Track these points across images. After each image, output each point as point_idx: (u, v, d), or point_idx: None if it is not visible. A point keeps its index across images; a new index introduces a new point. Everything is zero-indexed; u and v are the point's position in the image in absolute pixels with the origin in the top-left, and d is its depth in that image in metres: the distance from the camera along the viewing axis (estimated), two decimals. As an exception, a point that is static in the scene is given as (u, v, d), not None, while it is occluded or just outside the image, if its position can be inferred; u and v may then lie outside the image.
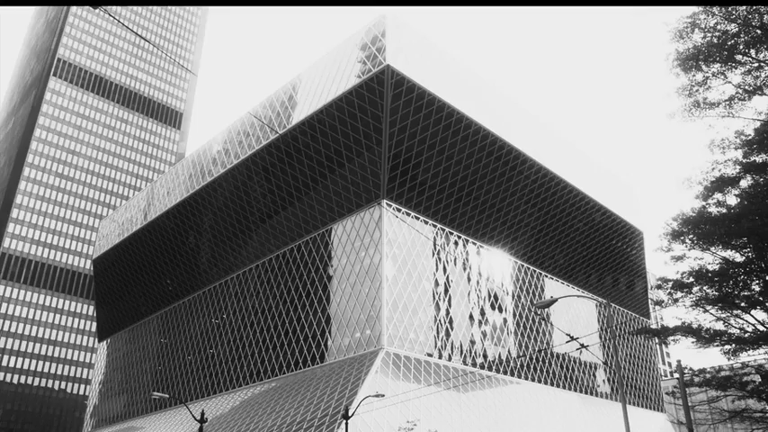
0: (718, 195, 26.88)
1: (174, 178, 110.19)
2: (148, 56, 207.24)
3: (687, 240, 27.49)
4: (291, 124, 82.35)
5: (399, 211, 75.79)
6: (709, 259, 27.56)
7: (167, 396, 38.72)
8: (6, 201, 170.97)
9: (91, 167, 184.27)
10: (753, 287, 27.19)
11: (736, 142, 25.79)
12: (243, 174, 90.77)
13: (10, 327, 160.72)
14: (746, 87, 24.75)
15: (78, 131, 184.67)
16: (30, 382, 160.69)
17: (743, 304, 26.92)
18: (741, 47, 24.50)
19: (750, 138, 25.62)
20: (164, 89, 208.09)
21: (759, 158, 25.78)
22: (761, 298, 26.63)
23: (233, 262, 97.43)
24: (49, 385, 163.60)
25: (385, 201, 73.95)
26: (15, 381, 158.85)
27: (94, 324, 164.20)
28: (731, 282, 27.09)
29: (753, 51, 24.51)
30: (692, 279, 27.50)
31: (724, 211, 26.69)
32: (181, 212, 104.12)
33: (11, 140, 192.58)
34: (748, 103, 24.80)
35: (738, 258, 27.18)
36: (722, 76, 24.88)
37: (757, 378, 28.27)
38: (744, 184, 26.44)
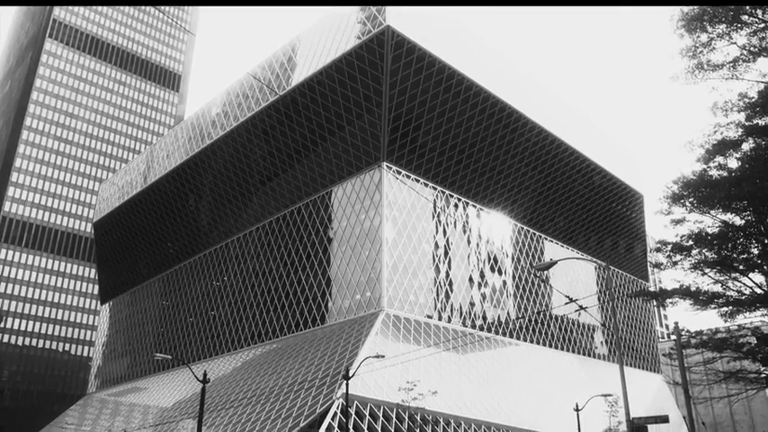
0: (719, 158, 26.73)
1: (173, 141, 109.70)
2: (145, 17, 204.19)
3: (687, 203, 27.44)
4: (291, 86, 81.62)
5: (399, 173, 75.62)
6: (709, 222, 27.57)
7: (170, 357, 39.20)
8: (6, 164, 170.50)
9: (89, 130, 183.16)
10: (752, 250, 27.25)
11: (739, 105, 25.54)
12: (242, 136, 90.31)
13: (13, 290, 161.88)
14: (751, 49, 24.41)
15: (76, 94, 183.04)
16: (34, 343, 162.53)
17: (741, 267, 27.02)
18: (747, 7, 24.10)
19: (753, 100, 25.36)
20: (162, 51, 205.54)
21: (762, 121, 25.58)
22: (759, 261, 26.72)
23: (233, 225, 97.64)
24: (54, 347, 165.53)
25: (385, 163, 73.72)
26: (20, 342, 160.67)
27: (96, 287, 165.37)
28: (730, 245, 27.14)
29: (759, 12, 24.12)
30: (691, 242, 27.53)
31: (725, 174, 26.57)
32: (180, 175, 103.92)
33: (8, 103, 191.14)
34: (753, 65, 24.52)
35: (738, 222, 27.17)
36: (727, 37, 24.51)
37: (753, 340, 28.56)
38: (745, 147, 26.27)
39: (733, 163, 26.85)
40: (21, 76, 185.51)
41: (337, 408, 52.12)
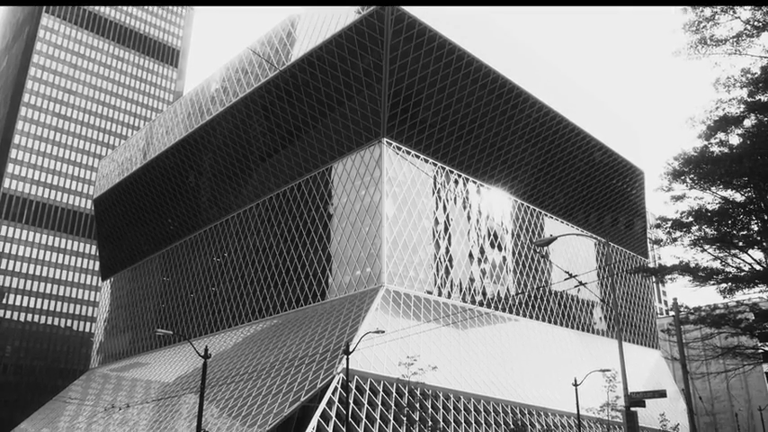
0: (720, 135, 26.58)
1: (172, 117, 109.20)
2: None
3: (688, 180, 27.35)
4: (291, 61, 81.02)
5: (399, 149, 75.40)
6: (709, 199, 27.50)
7: (171, 333, 39.45)
8: (4, 141, 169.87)
9: (88, 107, 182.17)
10: (752, 227, 27.24)
11: (741, 80, 25.33)
12: (242, 112, 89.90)
13: (14, 266, 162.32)
14: (755, 23, 24.14)
15: (74, 70, 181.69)
16: (36, 319, 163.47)
17: (741, 244, 27.03)
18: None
19: (756, 76, 25.15)
20: (160, 26, 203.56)
21: (764, 97, 25.38)
22: (759, 238, 26.73)
23: (233, 201, 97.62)
24: (56, 323, 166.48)
25: (385, 139, 73.50)
26: (22, 318, 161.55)
27: (97, 263, 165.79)
28: (730, 221, 27.12)
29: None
30: (691, 218, 27.50)
31: (726, 150, 26.45)
32: (180, 152, 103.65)
33: (5, 79, 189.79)
34: (756, 40, 24.25)
35: (738, 198, 27.13)
36: (731, 12, 24.22)
37: (751, 316, 28.70)
38: (747, 123, 26.12)
39: (734, 139, 26.73)
40: (17, 52, 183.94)
41: (338, 382, 52.58)
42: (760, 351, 29.24)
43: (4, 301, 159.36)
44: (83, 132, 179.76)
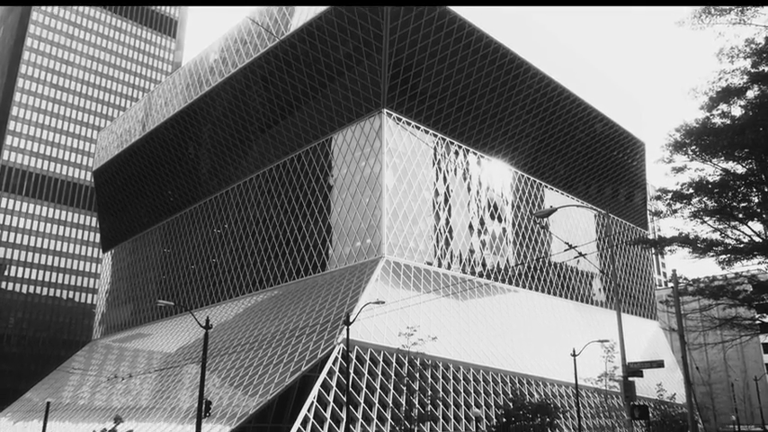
0: (723, 106, 26.40)
1: (171, 88, 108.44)
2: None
3: (689, 152, 27.26)
4: (290, 31, 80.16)
5: (400, 120, 75.04)
6: (710, 171, 27.44)
7: (172, 304, 39.67)
8: (2, 113, 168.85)
9: (86, 78, 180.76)
10: (752, 199, 27.21)
11: (745, 51, 25.08)
12: (241, 83, 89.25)
13: (15, 238, 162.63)
14: (760, -8, 23.84)
15: (71, 41, 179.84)
16: (38, 291, 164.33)
17: (741, 216, 27.03)
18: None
19: (761, 46, 24.91)
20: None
21: (768, 68, 25.18)
22: (759, 210, 26.73)
23: (233, 172, 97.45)
24: (58, 294, 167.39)
25: (385, 110, 73.10)
26: (24, 290, 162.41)
27: (98, 235, 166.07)
28: (731, 193, 27.09)
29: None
30: (691, 190, 27.46)
31: (728, 122, 26.30)
32: (179, 123, 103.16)
33: (2, 50, 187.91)
34: (761, 9, 23.94)
35: (740, 170, 27.06)
36: (736, -20, 23.89)
37: (749, 287, 28.84)
38: (750, 94, 25.91)
39: (737, 111, 26.56)
40: (13, 23, 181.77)
41: (338, 352, 53.06)
42: (757, 322, 29.43)
43: (6, 273, 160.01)
44: (81, 104, 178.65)
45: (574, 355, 56.88)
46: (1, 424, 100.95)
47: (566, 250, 31.71)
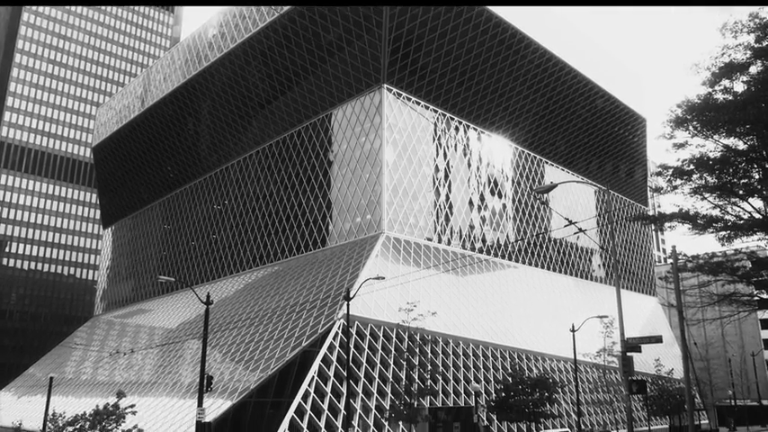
0: (725, 82, 26.20)
1: (169, 64, 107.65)
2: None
3: (690, 127, 27.12)
4: (289, 5, 79.30)
5: (400, 95, 74.62)
6: (711, 147, 27.32)
7: (173, 280, 39.78)
8: (0, 89, 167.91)
9: (84, 53, 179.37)
10: (753, 175, 27.13)
11: (749, 25, 24.83)
12: (240, 58, 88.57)
13: (15, 215, 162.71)
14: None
15: (68, 15, 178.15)
16: (40, 267, 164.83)
17: (741, 192, 26.97)
18: None
19: (765, 20, 24.66)
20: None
21: (771, 43, 24.93)
22: (759, 186, 26.67)
23: (233, 148, 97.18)
24: (59, 271, 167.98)
25: (385, 85, 72.65)
26: (25, 267, 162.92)
27: (98, 211, 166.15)
28: (731, 169, 27.00)
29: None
30: (692, 166, 27.37)
31: (730, 98, 26.12)
32: (178, 99, 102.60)
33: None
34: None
35: (741, 146, 26.94)
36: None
37: (748, 264, 28.87)
38: (753, 70, 25.70)
39: (739, 86, 26.37)
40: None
41: (338, 328, 53.38)
42: (756, 298, 29.52)
43: (7, 249, 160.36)
44: (79, 79, 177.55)
45: (573, 331, 57.21)
46: (5, 398, 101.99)
47: (566, 226, 31.76)
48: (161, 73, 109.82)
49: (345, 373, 45.51)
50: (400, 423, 48.43)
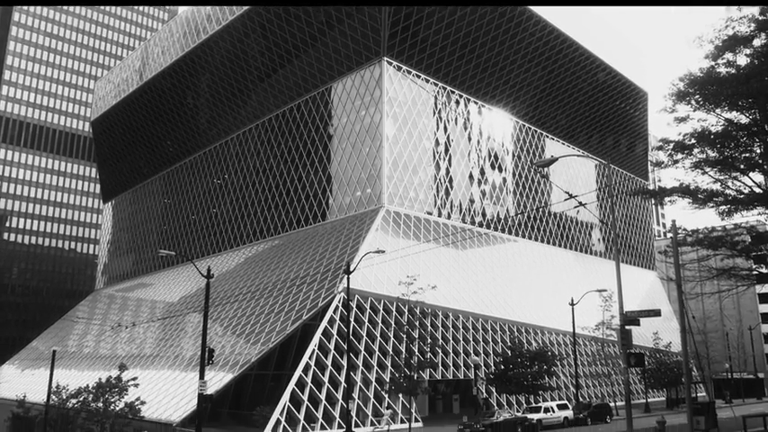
0: (728, 55, 25.93)
1: (167, 37, 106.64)
2: None
3: (692, 101, 26.90)
4: (287, -23, 78.32)
5: (400, 68, 74.06)
6: (713, 121, 27.13)
7: (174, 254, 39.96)
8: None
9: (81, 26, 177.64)
10: (754, 149, 27.01)
11: (755, -4, 24.54)
12: (239, 31, 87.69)
13: (15, 189, 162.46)
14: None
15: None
16: (40, 242, 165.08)
17: (742, 166, 26.86)
18: None
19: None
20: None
21: (776, 15, 24.64)
22: (760, 160, 26.58)
23: (232, 122, 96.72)
24: (60, 245, 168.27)
25: (386, 58, 72.06)
26: (27, 241, 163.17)
27: (98, 186, 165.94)
28: (733, 143, 26.86)
29: None
30: (693, 140, 27.21)
31: (733, 71, 25.88)
32: (177, 72, 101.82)
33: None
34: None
35: (743, 120, 26.77)
36: None
37: (747, 238, 28.89)
38: (757, 42, 25.41)
39: (742, 60, 26.10)
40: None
41: (339, 301, 53.66)
42: (754, 273, 29.60)
43: (8, 224, 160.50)
44: (77, 53, 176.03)
45: (572, 304, 57.51)
46: (9, 371, 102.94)
47: (566, 200, 31.69)
48: (159, 46, 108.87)
49: (346, 346, 45.86)
50: (400, 395, 48.97)
